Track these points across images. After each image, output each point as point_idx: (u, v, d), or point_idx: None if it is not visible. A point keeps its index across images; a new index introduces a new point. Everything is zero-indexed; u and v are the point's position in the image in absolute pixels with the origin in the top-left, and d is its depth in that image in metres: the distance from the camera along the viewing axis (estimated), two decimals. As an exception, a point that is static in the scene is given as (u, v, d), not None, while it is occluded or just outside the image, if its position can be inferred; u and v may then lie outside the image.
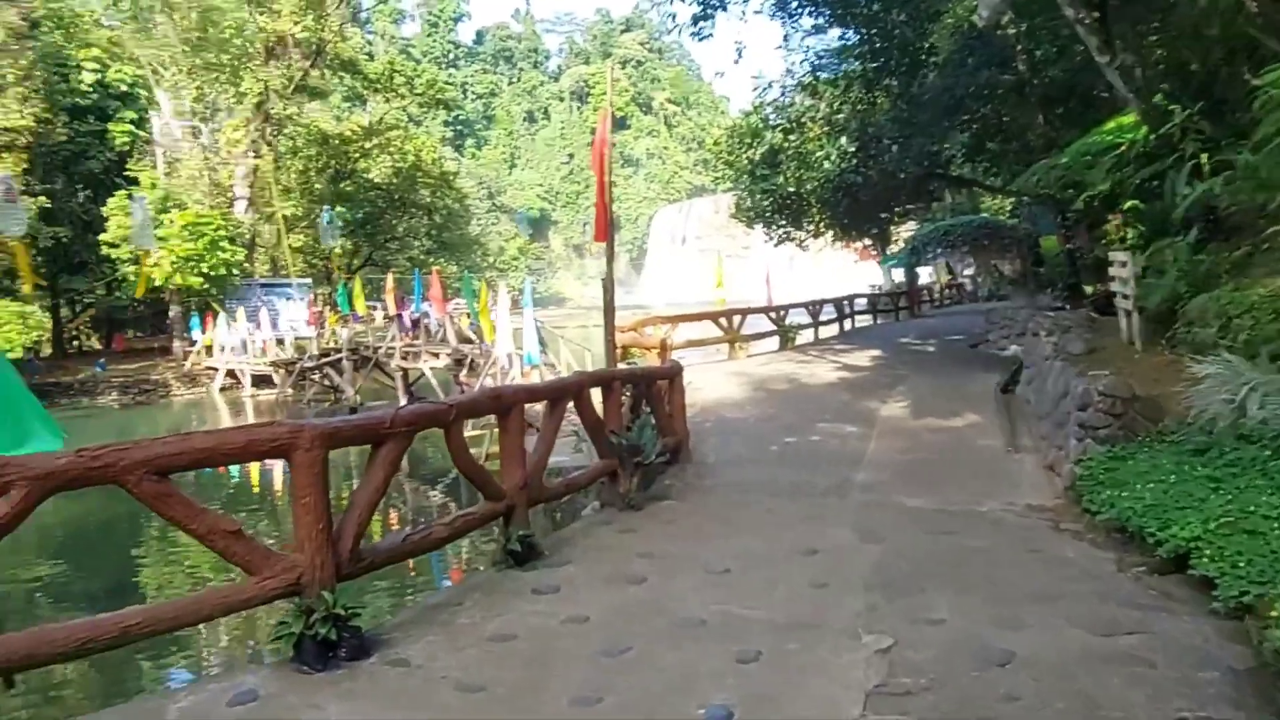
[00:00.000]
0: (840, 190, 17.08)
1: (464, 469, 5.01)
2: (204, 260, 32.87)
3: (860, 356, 16.32)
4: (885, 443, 8.96)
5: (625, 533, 6.08)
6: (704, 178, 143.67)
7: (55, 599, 11.28)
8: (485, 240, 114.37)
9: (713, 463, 8.63)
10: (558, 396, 6.08)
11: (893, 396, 11.54)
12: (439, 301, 21.40)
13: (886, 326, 26.46)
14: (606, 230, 7.72)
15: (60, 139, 38.25)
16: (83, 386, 33.54)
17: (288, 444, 3.74)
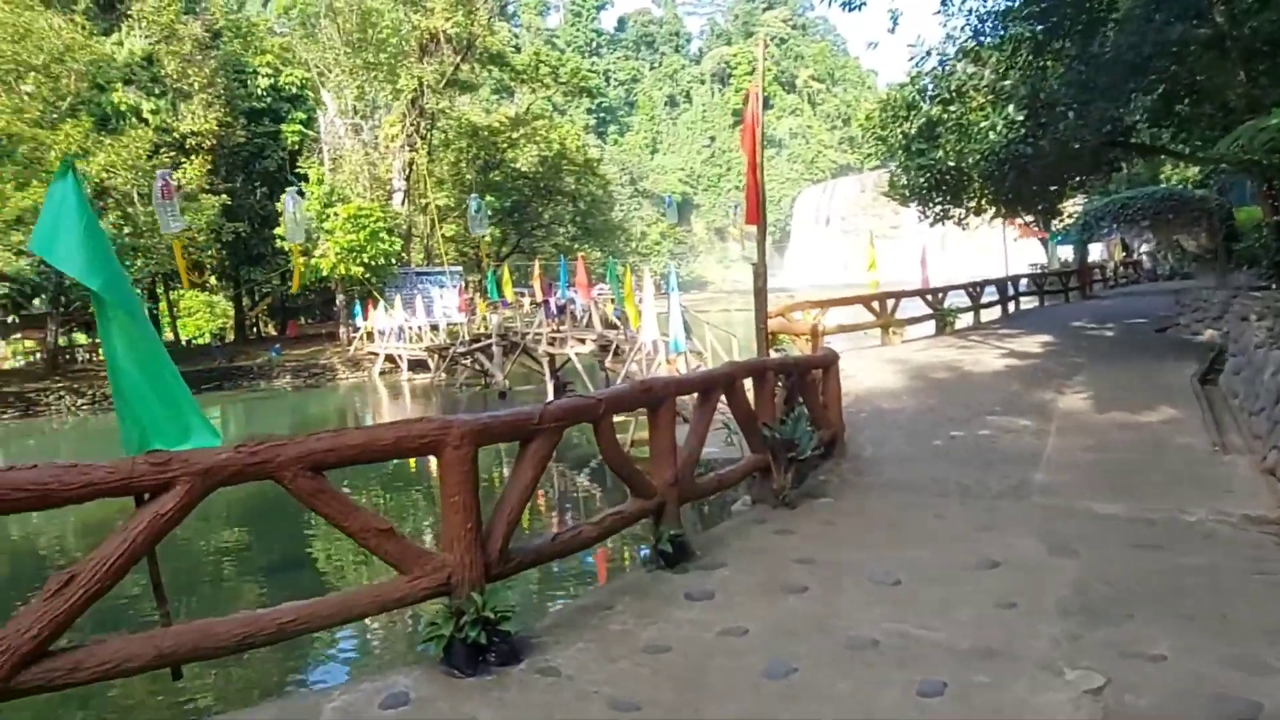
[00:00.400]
0: (1006, 163, 15.83)
1: (614, 465, 4.80)
2: (365, 250, 34.70)
3: (1029, 342, 15.14)
4: (1066, 439, 8.14)
5: (781, 534, 5.72)
6: (850, 156, 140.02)
7: (239, 567, 12.07)
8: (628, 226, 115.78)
9: (870, 457, 8.11)
10: (709, 388, 5.78)
11: (1070, 387, 10.56)
12: (583, 287, 21.57)
13: (1055, 309, 24.62)
14: (758, 212, 7.33)
15: (239, 141, 41.25)
16: (260, 370, 36.17)
17: (436, 441, 3.63)
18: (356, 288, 38.03)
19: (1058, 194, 19.96)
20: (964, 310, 19.92)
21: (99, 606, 3.10)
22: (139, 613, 8.28)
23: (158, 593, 3.41)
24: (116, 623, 8.10)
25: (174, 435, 3.42)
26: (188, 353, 43.09)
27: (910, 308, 18.86)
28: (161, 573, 3.45)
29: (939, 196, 18.26)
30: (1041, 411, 9.36)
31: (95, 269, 3.27)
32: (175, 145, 37.90)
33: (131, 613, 8.65)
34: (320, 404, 31.50)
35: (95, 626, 3.65)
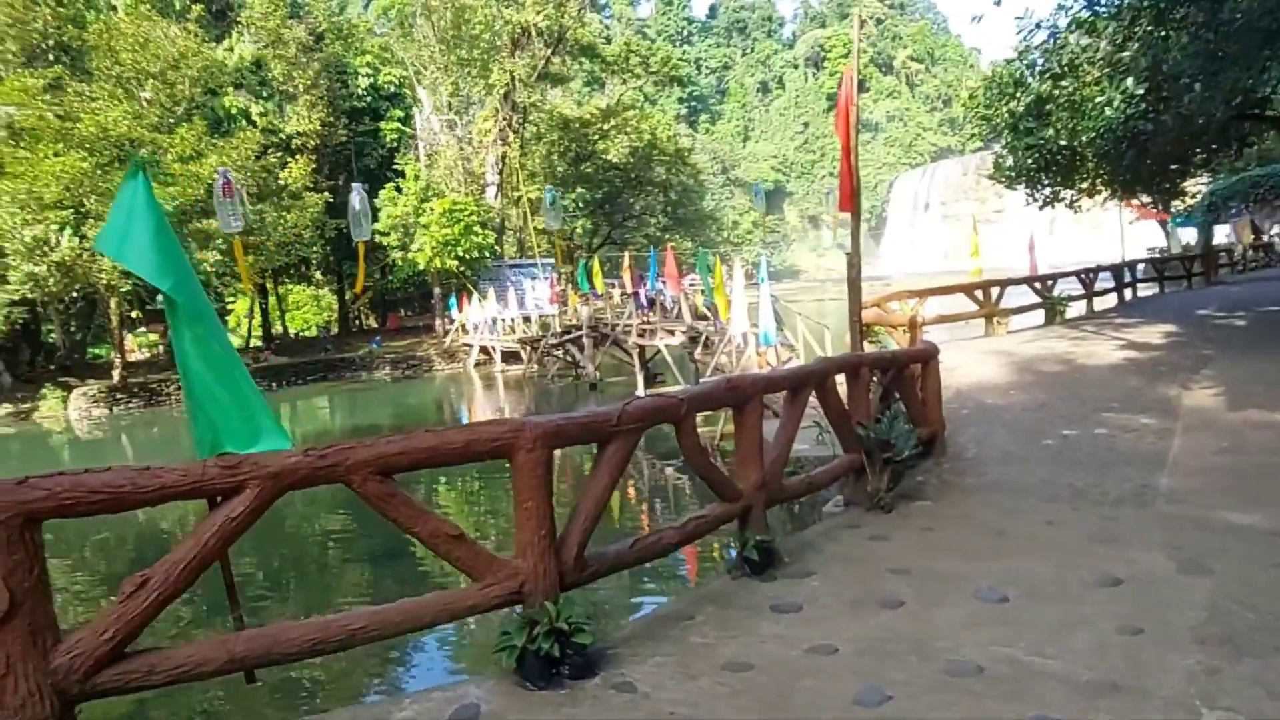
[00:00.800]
0: (1124, 141, 14.79)
1: (697, 467, 4.58)
2: (459, 244, 35.34)
3: (1148, 332, 14.14)
4: (1194, 440, 7.48)
5: (875, 540, 5.39)
6: (950, 139, 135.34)
7: (343, 551, 12.38)
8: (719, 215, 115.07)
9: (973, 457, 7.64)
10: (799, 385, 5.49)
11: (1197, 382, 9.75)
12: (673, 278, 21.37)
13: (1176, 296, 23.05)
14: (852, 198, 6.96)
15: (341, 140, 42.62)
16: (361, 362, 37.36)
17: (509, 444, 3.48)
18: (452, 281, 38.82)
19: (1180, 173, 18.63)
20: (1075, 298, 18.83)
21: (175, 610, 3.08)
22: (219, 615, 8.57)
23: (231, 596, 3.38)
24: (194, 625, 8.40)
25: (245, 437, 3.38)
26: (295, 345, 44.97)
27: (1016, 296, 17.94)
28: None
29: (1048, 178, 17.25)
30: (1165, 408, 8.66)
31: (166, 270, 3.25)
32: (281, 145, 39.44)
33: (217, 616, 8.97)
34: (417, 395, 32.32)
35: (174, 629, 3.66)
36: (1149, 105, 14.24)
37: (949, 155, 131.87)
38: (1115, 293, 21.34)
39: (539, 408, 26.97)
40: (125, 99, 26.88)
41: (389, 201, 36.89)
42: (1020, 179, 17.27)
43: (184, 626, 8.04)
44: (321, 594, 10.30)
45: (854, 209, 7.00)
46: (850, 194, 6.98)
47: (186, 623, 8.26)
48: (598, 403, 25.93)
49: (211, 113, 37.02)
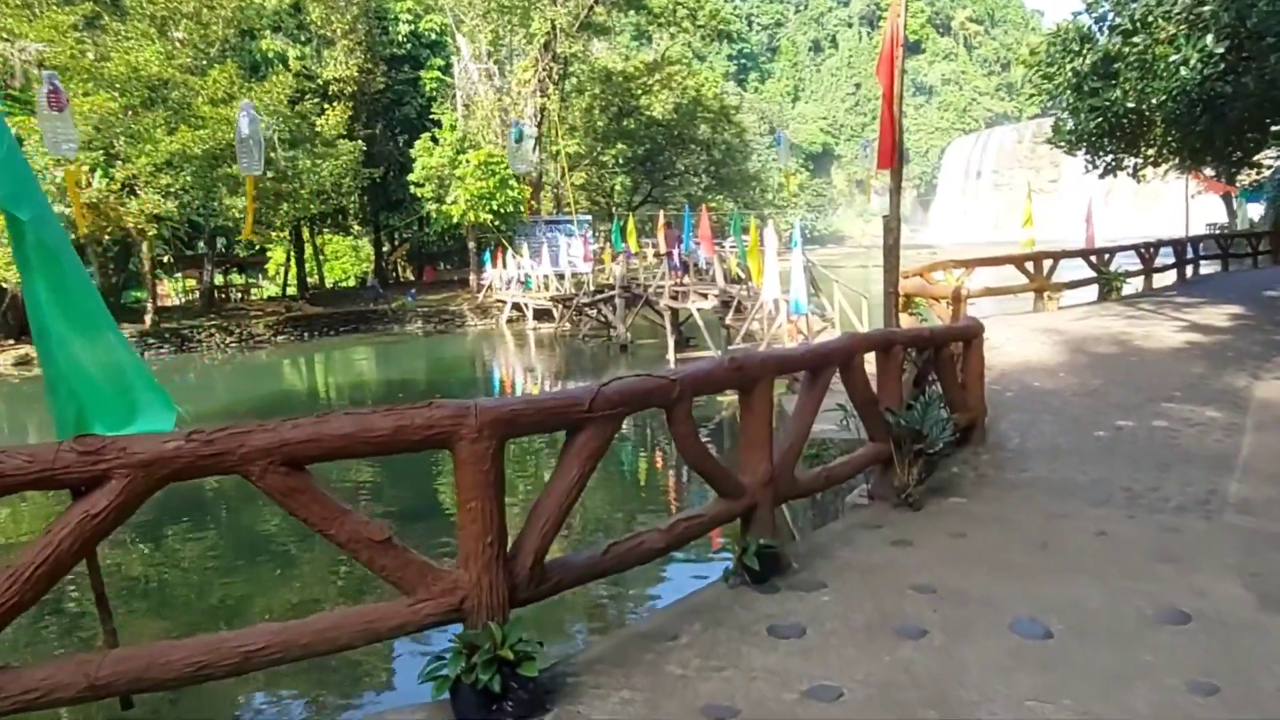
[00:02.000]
0: (1198, 105, 13.59)
1: (692, 460, 3.94)
2: (494, 198, 34.70)
3: (1212, 313, 13.12)
4: (1268, 439, 6.66)
5: (899, 545, 4.72)
6: (1006, 104, 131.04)
7: (373, 499, 11.91)
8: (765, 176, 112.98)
9: (1016, 449, 6.90)
10: (819, 365, 4.80)
11: (1269, 370, 8.85)
12: (707, 240, 20.56)
13: (1241, 275, 21.74)
14: (893, 155, 6.19)
15: (379, 87, 42.00)
16: (394, 315, 37.15)
17: (448, 432, 2.87)
18: (488, 235, 38.29)
19: (1256, 143, 17.23)
20: (1133, 274, 17.71)
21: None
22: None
23: (101, 607, 2.84)
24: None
25: (117, 415, 2.80)
26: (332, 295, 44.96)
27: (1069, 270, 16.90)
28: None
29: (1112, 143, 16.03)
30: (1233, 401, 7.81)
31: (24, 198, 2.65)
32: (318, 92, 38.97)
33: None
34: (446, 350, 32.01)
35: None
36: (1228, 66, 13.00)
37: (1004, 122, 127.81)
38: (1175, 269, 20.11)
39: (568, 367, 26.48)
40: (158, 38, 26.46)
41: (424, 152, 36.31)
42: (1081, 144, 16.07)
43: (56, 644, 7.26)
44: (237, 604, 8.55)
45: (895, 167, 6.22)
46: (891, 150, 6.21)
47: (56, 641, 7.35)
48: (628, 366, 25.38)
49: (248, 56, 36.65)
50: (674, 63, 49.66)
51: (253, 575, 9.32)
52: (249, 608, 8.38)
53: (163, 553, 9.71)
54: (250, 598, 8.68)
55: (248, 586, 9.02)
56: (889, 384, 5.61)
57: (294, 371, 27.98)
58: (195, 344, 30.32)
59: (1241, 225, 31.84)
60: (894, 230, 6.27)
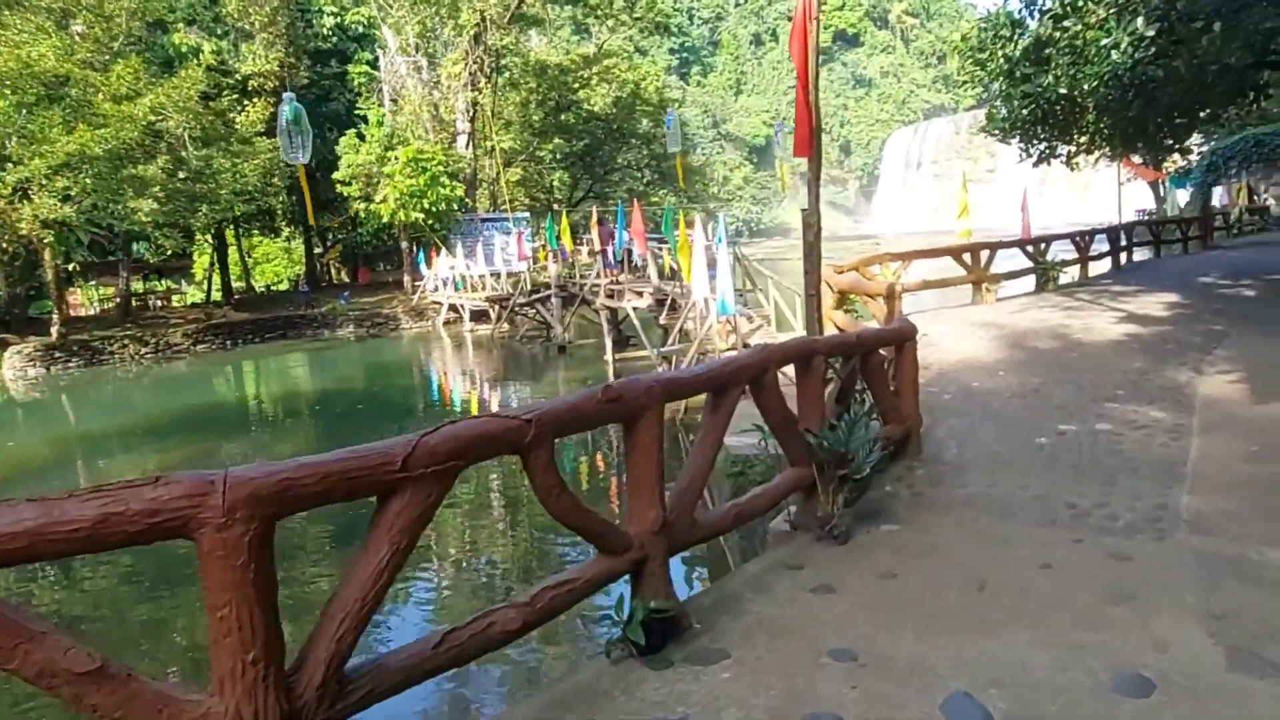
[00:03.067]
0: (1130, 89, 13.34)
1: (559, 515, 3.23)
2: (426, 195, 33.56)
3: (1149, 302, 12.89)
4: (1216, 441, 6.21)
5: (820, 593, 4.09)
6: (943, 96, 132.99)
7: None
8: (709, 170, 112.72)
9: (953, 461, 6.35)
10: (723, 386, 4.14)
11: (1211, 364, 8.49)
12: (639, 236, 19.89)
13: (1173, 261, 21.84)
14: (811, 142, 5.56)
15: (303, 82, 40.43)
16: (324, 319, 35.80)
17: (183, 517, 2.12)
18: (420, 235, 37.11)
19: (1186, 128, 17.17)
20: (1069, 263, 17.54)
21: None
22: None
23: None
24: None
25: None
26: (262, 300, 43.25)
27: (1005, 260, 16.63)
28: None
29: (1045, 131, 15.76)
30: (1177, 398, 7.39)
31: None
32: (237, 87, 37.33)
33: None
34: (379, 355, 30.86)
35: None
36: (1160, 49, 12.75)
37: (942, 113, 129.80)
38: (1111, 257, 20.08)
39: (504, 370, 25.63)
40: (56, 31, 24.79)
41: (350, 149, 34.99)
42: (1014, 132, 15.78)
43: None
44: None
45: (813, 155, 5.60)
46: (808, 136, 5.58)
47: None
48: (566, 367, 24.60)
49: (160, 51, 34.90)
50: (611, 55, 48.87)
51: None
52: None
53: None
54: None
55: None
56: (810, 400, 4.98)
57: (209, 384, 26.53)
58: (107, 356, 28.69)
59: (1171, 211, 32.28)
60: (813, 225, 5.65)
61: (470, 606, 7.71)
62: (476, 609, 3.03)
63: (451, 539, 10.38)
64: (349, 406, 20.82)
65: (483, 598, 8.50)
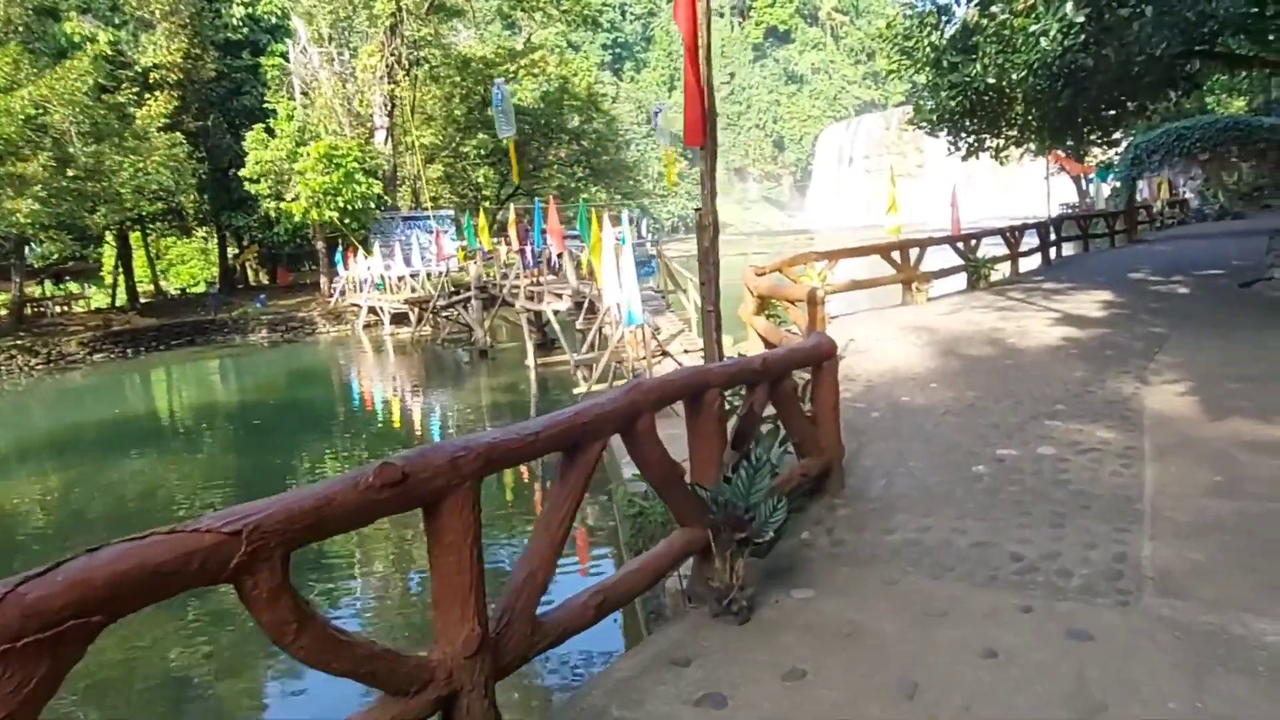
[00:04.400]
0: (1059, 79, 12.80)
1: (309, 657, 2.21)
2: (340, 193, 31.90)
3: (1084, 301, 12.35)
4: (1172, 469, 5.47)
5: (704, 707, 3.15)
6: (874, 92, 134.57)
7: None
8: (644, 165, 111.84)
9: (879, 498, 5.50)
10: (577, 441, 3.16)
11: (1156, 371, 7.84)
12: (555, 234, 18.83)
13: (1102, 256, 21.67)
14: (703, 129, 4.63)
15: (210, 75, 38.30)
16: (235, 324, 33.87)
17: None
18: (337, 234, 35.40)
19: (1114, 121, 16.80)
20: (999, 260, 17.06)
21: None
22: None
23: None
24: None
25: None
26: (173, 305, 40.91)
27: (935, 255, 16.06)
28: None
29: (973, 123, 15.20)
30: (1124, 414, 6.68)
31: None
32: (138, 80, 35.08)
33: None
34: (291, 361, 29.18)
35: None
36: (1090, 36, 12.21)
37: (872, 109, 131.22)
38: (1041, 253, 19.75)
39: (423, 378, 24.31)
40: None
41: (258, 144, 33.09)
42: (942, 124, 15.17)
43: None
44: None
45: (706, 144, 4.66)
46: (701, 120, 4.64)
47: None
48: (489, 373, 23.39)
49: (52, 40, 32.53)
50: (538, 49, 47.61)
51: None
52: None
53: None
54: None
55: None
56: (704, 445, 4.05)
57: (100, 397, 24.55)
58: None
59: (1099, 204, 32.51)
60: (709, 228, 4.70)
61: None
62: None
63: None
64: (244, 422, 19.36)
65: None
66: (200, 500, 12.44)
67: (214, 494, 12.73)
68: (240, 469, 15.07)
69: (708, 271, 4.79)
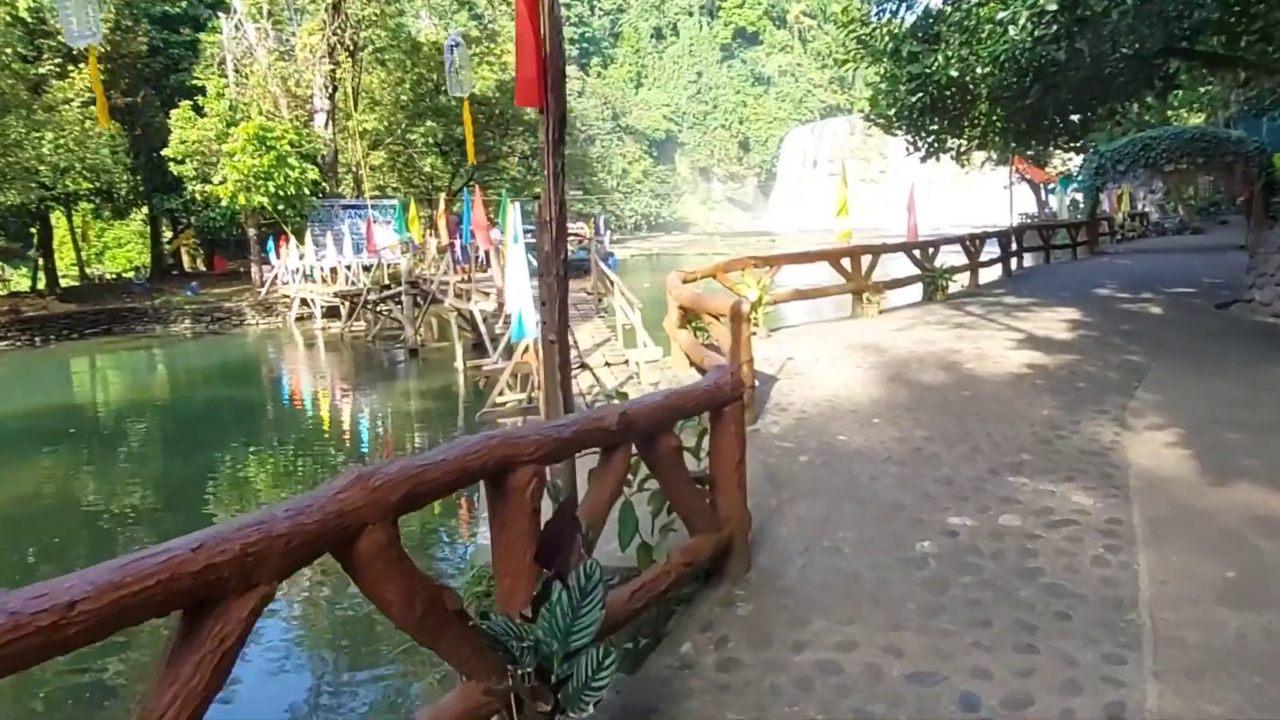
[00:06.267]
0: (1028, 73, 11.66)
1: None
2: (272, 177, 29.96)
3: (1049, 319, 11.21)
4: (1174, 557, 4.20)
5: None
6: (840, 96, 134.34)
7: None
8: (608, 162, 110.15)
9: (793, 589, 4.15)
10: (203, 600, 1.76)
11: (1139, 412, 6.62)
12: (481, 229, 17.33)
13: (1064, 268, 20.74)
14: (541, 89, 3.25)
15: (141, 49, 36.05)
16: (157, 313, 31.75)
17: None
18: (273, 221, 33.43)
19: (1082, 125, 15.76)
20: (958, 270, 15.95)
21: None
22: None
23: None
24: None
25: None
26: (100, 291, 38.52)
27: (890, 264, 14.90)
28: None
29: (934, 122, 14.01)
30: (1104, 470, 5.42)
31: None
32: (61, 51, 32.79)
33: None
34: (210, 355, 27.22)
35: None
36: (1063, 27, 11.07)
37: (838, 113, 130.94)
38: (1002, 263, 18.72)
39: (345, 379, 22.62)
40: None
41: (184, 123, 31.01)
42: (900, 121, 13.96)
43: None
44: None
45: (546, 105, 3.30)
46: (539, 79, 3.27)
47: None
48: (418, 375, 21.79)
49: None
50: (492, 35, 45.88)
51: None
52: None
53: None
54: None
55: None
56: (512, 554, 2.66)
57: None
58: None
59: (1063, 214, 31.81)
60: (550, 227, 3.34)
61: None
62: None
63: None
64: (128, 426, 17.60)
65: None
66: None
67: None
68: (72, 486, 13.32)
69: (549, 285, 3.41)
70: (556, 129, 3.37)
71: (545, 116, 3.37)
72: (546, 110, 3.33)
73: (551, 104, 3.30)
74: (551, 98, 3.29)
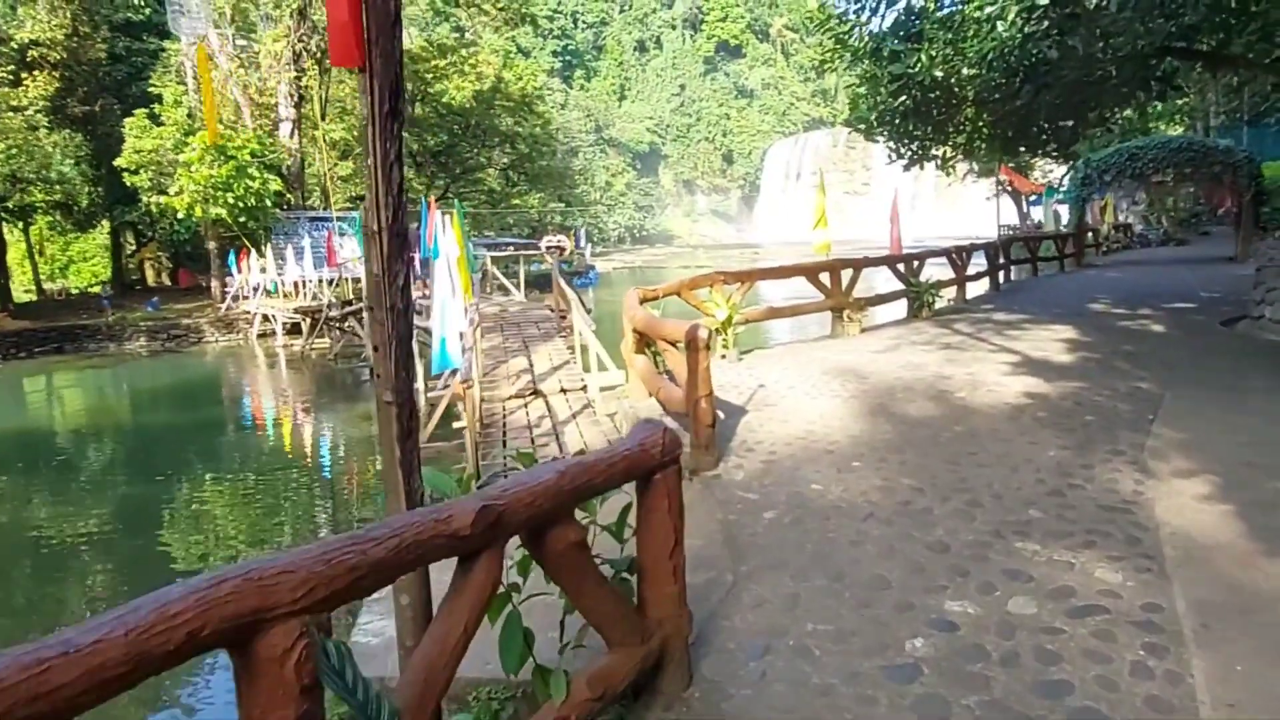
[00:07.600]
0: (1017, 74, 10.81)
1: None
2: (231, 189, 28.78)
3: (1044, 339, 10.30)
4: (1238, 666, 3.23)
5: None
6: (822, 109, 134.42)
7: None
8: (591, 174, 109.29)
9: (746, 707, 3.15)
10: None
11: (1160, 453, 5.67)
12: (439, 242, 16.26)
13: (1053, 281, 19.93)
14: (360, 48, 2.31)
15: (100, 56, 34.92)
16: (111, 331, 30.41)
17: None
18: (231, 235, 32.22)
19: (1071, 131, 14.96)
20: (945, 284, 15.08)
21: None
22: None
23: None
24: None
25: None
26: (57, 306, 37.16)
27: (876, 280, 13.99)
28: None
29: (917, 126, 13.14)
30: (1130, 532, 4.46)
31: None
32: (14, 57, 31.65)
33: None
34: (162, 376, 25.96)
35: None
36: (1055, 23, 10.24)
37: (821, 126, 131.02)
38: (990, 277, 17.88)
39: (300, 400, 21.47)
40: None
41: (139, 132, 29.83)
42: (881, 126, 13.09)
43: None
44: None
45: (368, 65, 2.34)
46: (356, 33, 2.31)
47: None
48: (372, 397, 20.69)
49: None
50: (468, 45, 45.02)
51: None
52: None
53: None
54: None
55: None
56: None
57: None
58: None
59: (1048, 225, 31.16)
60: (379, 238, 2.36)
61: None
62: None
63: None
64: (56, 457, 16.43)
65: None
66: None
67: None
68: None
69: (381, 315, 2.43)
70: (387, 99, 2.40)
71: (368, 80, 2.39)
72: (370, 72, 2.36)
73: (377, 64, 2.33)
74: (377, 55, 2.31)
